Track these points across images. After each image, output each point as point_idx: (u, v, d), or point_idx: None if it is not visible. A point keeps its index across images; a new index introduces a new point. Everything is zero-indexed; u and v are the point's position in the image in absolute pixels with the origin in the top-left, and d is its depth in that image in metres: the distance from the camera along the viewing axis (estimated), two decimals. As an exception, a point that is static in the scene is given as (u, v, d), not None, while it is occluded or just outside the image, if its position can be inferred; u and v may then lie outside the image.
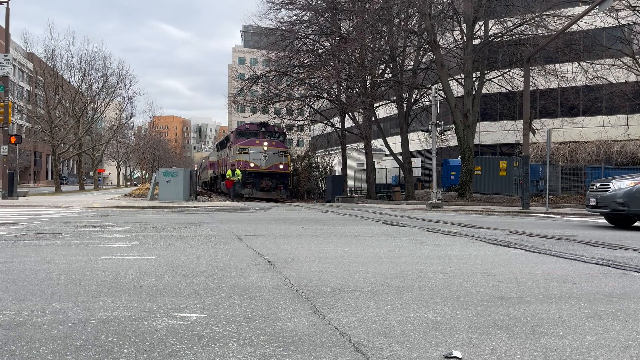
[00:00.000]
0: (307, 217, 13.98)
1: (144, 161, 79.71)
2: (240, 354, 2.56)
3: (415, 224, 11.40)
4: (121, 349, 2.60)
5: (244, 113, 56.08)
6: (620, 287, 4.45)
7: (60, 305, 3.50)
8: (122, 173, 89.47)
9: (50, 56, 40.81)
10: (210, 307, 3.48)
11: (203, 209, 17.45)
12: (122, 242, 7.18)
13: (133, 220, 11.80)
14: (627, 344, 2.83)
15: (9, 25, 23.93)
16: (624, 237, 9.03)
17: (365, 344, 2.75)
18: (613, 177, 12.09)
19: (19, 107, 50.23)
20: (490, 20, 27.21)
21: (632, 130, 29.95)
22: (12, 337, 2.77)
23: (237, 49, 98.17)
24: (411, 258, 6.05)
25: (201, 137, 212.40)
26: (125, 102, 51.57)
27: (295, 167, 33.63)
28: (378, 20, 25.77)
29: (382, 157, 44.63)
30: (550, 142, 20.01)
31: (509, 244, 7.56)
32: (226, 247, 6.86)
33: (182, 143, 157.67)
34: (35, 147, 75.59)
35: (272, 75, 32.97)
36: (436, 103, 21.99)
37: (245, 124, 30.96)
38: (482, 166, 30.67)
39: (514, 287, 4.38)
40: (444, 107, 28.91)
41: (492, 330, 3.04)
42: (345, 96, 31.66)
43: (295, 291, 4.05)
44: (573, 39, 27.53)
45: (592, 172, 26.90)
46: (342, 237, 8.39)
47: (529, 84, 20.32)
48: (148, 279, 4.49)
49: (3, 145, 22.08)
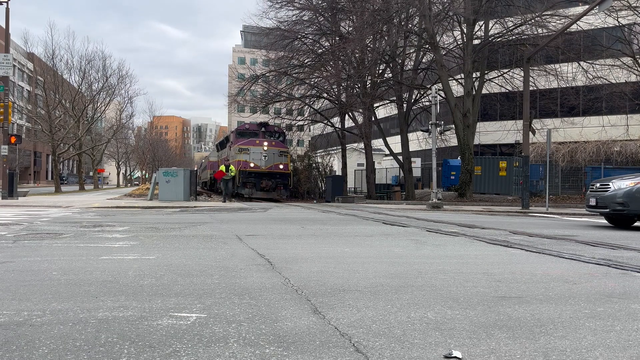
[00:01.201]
0: (307, 217, 13.98)
1: (144, 161, 79.70)
2: (240, 354, 2.56)
3: (415, 224, 11.40)
4: (121, 349, 2.60)
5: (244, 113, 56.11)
6: (620, 287, 4.45)
7: (60, 305, 3.50)
8: (122, 173, 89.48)
9: (50, 56, 40.84)
10: (210, 307, 3.48)
11: (203, 209, 17.45)
12: (122, 242, 7.18)
13: (133, 220, 11.79)
14: (627, 344, 2.83)
15: (8, 25, 23.93)
16: (624, 237, 9.03)
17: (365, 344, 2.75)
18: (613, 177, 12.09)
19: (19, 107, 50.22)
20: (490, 20, 27.21)
21: (632, 130, 29.96)
22: (12, 337, 2.77)
23: (237, 49, 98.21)
24: (411, 258, 6.05)
25: (201, 137, 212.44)
26: (125, 102, 51.63)
27: (295, 167, 33.62)
28: (378, 20, 25.77)
29: (382, 157, 44.62)
30: (550, 142, 20.01)
31: (509, 244, 7.56)
32: (226, 247, 6.86)
33: (182, 143, 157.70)
34: (35, 147, 75.59)
35: (272, 75, 32.98)
36: (436, 103, 21.98)
37: (245, 124, 30.95)
38: (482, 166, 30.67)
39: (514, 287, 4.38)
40: (444, 107, 28.91)
41: (492, 330, 3.04)
42: (345, 96, 31.66)
43: (295, 291, 4.05)
44: (573, 39, 27.53)
45: (592, 172, 26.90)
46: (342, 237, 8.39)
47: (529, 84, 20.32)
48: (148, 279, 4.49)
49: (3, 145, 22.08)
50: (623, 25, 24.47)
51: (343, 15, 30.36)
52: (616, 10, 22.95)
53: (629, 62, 24.26)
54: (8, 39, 24.83)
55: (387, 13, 25.45)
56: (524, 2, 25.21)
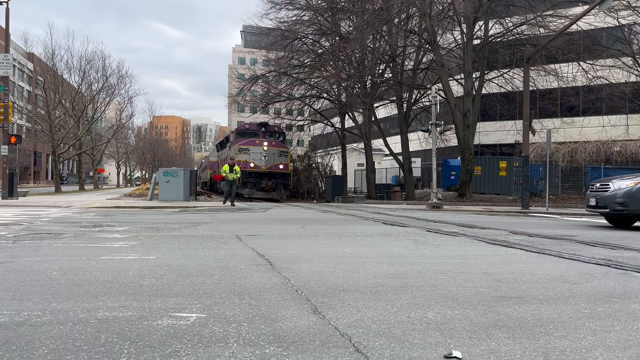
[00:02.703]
0: (307, 217, 13.98)
1: (144, 161, 79.73)
2: (240, 354, 2.56)
3: (415, 224, 11.40)
4: (121, 349, 2.60)
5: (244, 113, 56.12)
6: (620, 287, 4.45)
7: (60, 305, 3.50)
8: (122, 173, 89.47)
9: (50, 56, 40.82)
10: (210, 307, 3.48)
11: (203, 209, 17.45)
12: (122, 242, 7.18)
13: (133, 220, 11.79)
14: (627, 344, 2.83)
15: (8, 25, 23.92)
16: (624, 237, 9.03)
17: (365, 344, 2.75)
18: (613, 177, 12.09)
19: (19, 107, 50.20)
20: (490, 20, 27.21)
21: (632, 130, 29.97)
22: (12, 337, 2.77)
23: (237, 49, 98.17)
24: (411, 258, 6.04)
25: (201, 137, 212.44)
26: (125, 102, 51.62)
27: (295, 167, 33.65)
28: (378, 20, 25.77)
29: (382, 157, 44.61)
30: (550, 142, 20.00)
31: (509, 244, 7.56)
32: (226, 247, 6.86)
33: (182, 143, 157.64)
34: (35, 147, 75.58)
35: (272, 75, 32.99)
36: (436, 103, 21.98)
37: (245, 124, 30.97)
38: (482, 166, 30.66)
39: (514, 287, 4.38)
40: (444, 107, 28.90)
41: (492, 330, 3.04)
42: (345, 96, 31.68)
43: (295, 291, 4.05)
44: (573, 39, 27.52)
45: (592, 172, 26.90)
46: (342, 237, 8.39)
47: (528, 84, 20.32)
48: (148, 279, 4.49)
49: (3, 145, 22.08)
50: (623, 25, 24.47)
51: (343, 15, 30.39)
52: (616, 10, 22.95)
53: (629, 62, 24.26)
54: (8, 39, 24.83)
55: (387, 13, 25.45)
56: (525, 2, 25.22)
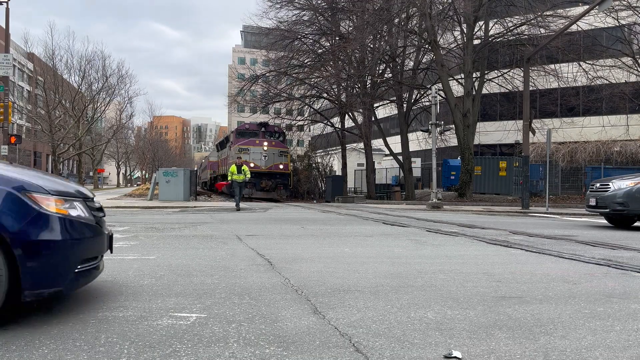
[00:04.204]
0: (307, 217, 13.98)
1: (144, 161, 79.75)
2: (240, 354, 2.56)
3: (415, 224, 11.40)
4: (121, 349, 2.60)
5: (244, 113, 56.09)
6: (620, 287, 4.45)
7: (59, 305, 3.50)
8: (122, 173, 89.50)
9: (50, 56, 40.89)
10: (210, 307, 3.48)
11: (203, 209, 17.45)
12: (122, 242, 7.18)
13: (133, 220, 11.79)
14: (627, 344, 2.83)
15: (8, 25, 23.93)
16: (624, 237, 9.03)
17: (365, 344, 2.75)
18: (613, 177, 12.08)
19: (19, 107, 50.25)
20: (490, 20, 27.21)
21: (632, 130, 29.97)
22: (11, 337, 2.77)
23: (237, 49, 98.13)
24: (411, 258, 6.04)
25: (201, 137, 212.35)
26: (125, 102, 51.68)
27: (295, 167, 33.65)
28: (378, 20, 25.76)
29: (382, 157, 44.60)
30: (550, 142, 19.99)
31: (509, 244, 7.56)
32: (226, 247, 6.86)
33: (182, 143, 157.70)
34: (35, 147, 75.46)
35: (272, 75, 32.99)
36: (436, 103, 21.97)
37: (245, 124, 30.97)
38: (482, 166, 30.65)
39: (514, 287, 4.38)
40: (444, 107, 28.88)
41: (492, 330, 3.04)
42: (345, 96, 31.67)
43: (295, 291, 4.05)
44: (573, 39, 27.53)
45: (592, 172, 26.89)
46: (342, 237, 8.39)
47: (528, 84, 20.31)
48: (148, 279, 4.49)
49: (3, 145, 22.09)
50: (623, 26, 24.47)
51: (343, 15, 30.37)
52: (616, 10, 22.95)
53: (629, 62, 24.26)
54: (8, 39, 24.84)
55: (387, 13, 25.45)
56: (525, 2, 25.22)
